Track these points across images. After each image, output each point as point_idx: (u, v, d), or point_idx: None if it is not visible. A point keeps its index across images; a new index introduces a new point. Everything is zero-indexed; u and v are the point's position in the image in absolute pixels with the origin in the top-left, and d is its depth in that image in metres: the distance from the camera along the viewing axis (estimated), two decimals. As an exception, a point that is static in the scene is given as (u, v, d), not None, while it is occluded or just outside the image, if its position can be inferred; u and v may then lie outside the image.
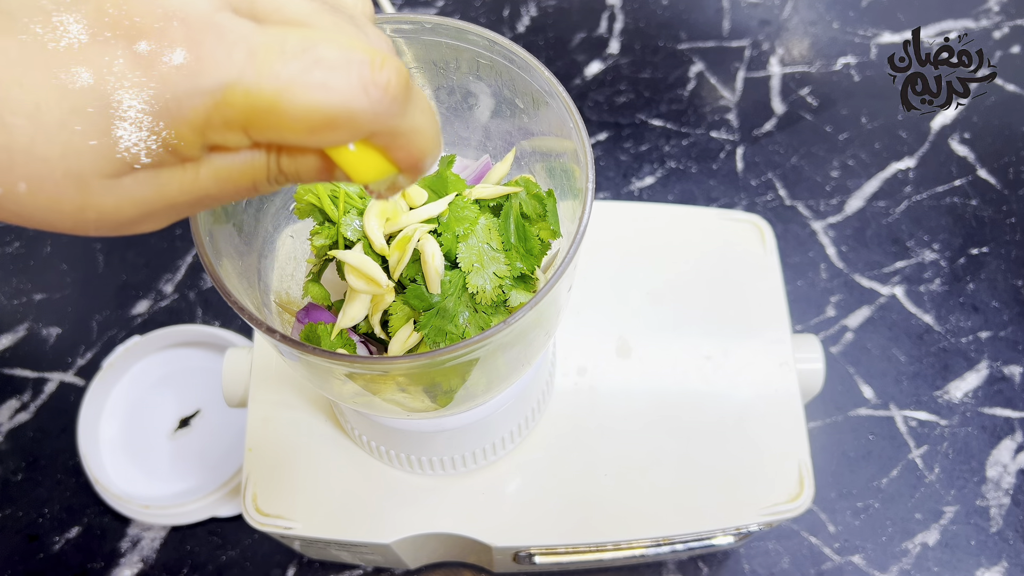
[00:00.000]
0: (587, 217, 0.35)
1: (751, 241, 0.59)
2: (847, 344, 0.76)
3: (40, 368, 0.75)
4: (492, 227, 0.38)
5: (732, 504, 0.52)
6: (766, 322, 0.56)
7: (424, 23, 0.38)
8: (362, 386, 0.37)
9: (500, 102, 0.42)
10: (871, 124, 0.87)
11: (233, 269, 0.37)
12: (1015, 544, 0.68)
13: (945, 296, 0.78)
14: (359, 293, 0.36)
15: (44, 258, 0.81)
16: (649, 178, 0.84)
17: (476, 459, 0.50)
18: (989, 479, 0.70)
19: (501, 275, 0.37)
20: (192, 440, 0.70)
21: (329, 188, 0.38)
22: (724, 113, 0.88)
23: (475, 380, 0.38)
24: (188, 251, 0.81)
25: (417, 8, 0.95)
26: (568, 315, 0.56)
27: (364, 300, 0.37)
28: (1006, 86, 0.89)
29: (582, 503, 0.52)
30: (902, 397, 0.74)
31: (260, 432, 0.53)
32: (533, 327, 0.36)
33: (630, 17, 0.94)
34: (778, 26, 0.93)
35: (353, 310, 0.36)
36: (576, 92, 0.89)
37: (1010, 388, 0.74)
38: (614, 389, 0.54)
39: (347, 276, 0.36)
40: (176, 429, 0.70)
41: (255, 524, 0.50)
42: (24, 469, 0.71)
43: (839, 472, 0.71)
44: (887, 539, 0.68)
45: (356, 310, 0.36)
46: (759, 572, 0.67)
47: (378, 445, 0.50)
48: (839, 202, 0.83)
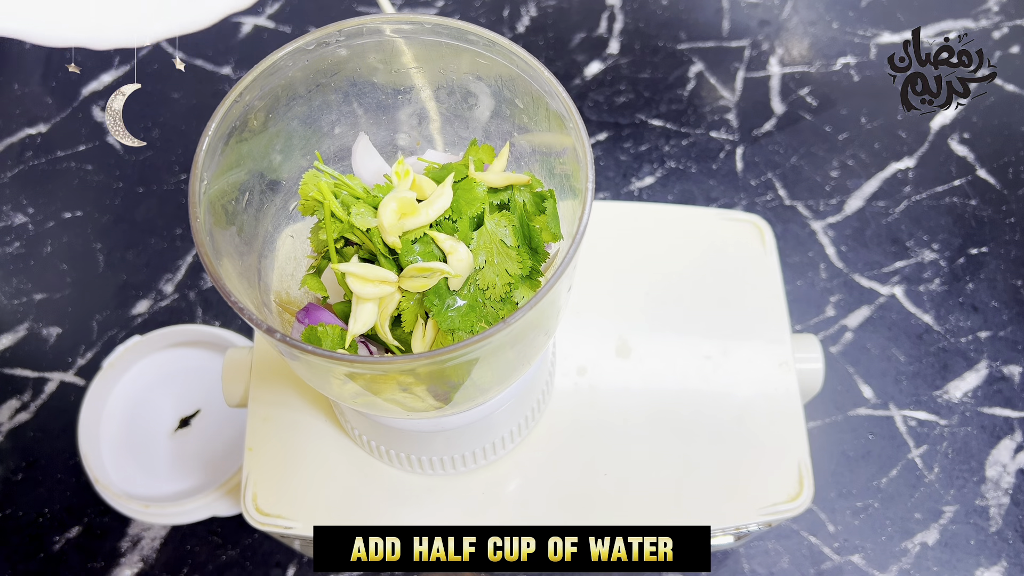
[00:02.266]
0: (587, 217, 0.35)
1: (751, 241, 0.59)
2: (847, 344, 0.76)
3: (40, 368, 0.75)
4: (502, 221, 0.38)
5: (731, 504, 0.52)
6: (766, 322, 0.57)
7: (424, 23, 0.38)
8: (362, 386, 0.37)
9: (500, 102, 0.42)
10: (871, 124, 0.87)
11: (233, 269, 0.37)
12: (1015, 544, 0.68)
13: (945, 296, 0.78)
14: (367, 300, 0.36)
15: (44, 258, 0.81)
16: (649, 178, 0.84)
17: (476, 459, 0.50)
18: (988, 479, 0.70)
19: (513, 272, 0.37)
20: (192, 440, 0.70)
21: (332, 184, 0.38)
22: (724, 113, 0.88)
23: (475, 380, 0.38)
24: (188, 251, 0.81)
25: (417, 8, 0.95)
26: (568, 315, 0.56)
27: (372, 304, 0.36)
28: (1006, 86, 0.89)
29: (582, 502, 0.52)
30: (902, 397, 0.74)
31: (260, 432, 0.53)
32: (533, 327, 0.36)
33: (630, 17, 0.94)
34: (778, 26, 0.93)
35: (364, 315, 0.36)
36: (576, 92, 0.89)
37: (1009, 388, 0.74)
38: (614, 389, 0.54)
39: (352, 286, 0.36)
40: (176, 429, 0.70)
41: (255, 524, 0.50)
42: (24, 469, 0.71)
43: (839, 472, 0.71)
44: (887, 539, 0.68)
45: (366, 315, 0.36)
46: (759, 572, 0.67)
47: (378, 445, 0.50)
48: (839, 202, 0.83)
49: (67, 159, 0.86)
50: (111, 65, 0.91)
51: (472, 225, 0.38)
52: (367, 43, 0.39)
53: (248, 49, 0.92)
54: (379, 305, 0.37)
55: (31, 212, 0.83)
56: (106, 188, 0.84)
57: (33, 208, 0.83)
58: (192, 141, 0.87)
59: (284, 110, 0.40)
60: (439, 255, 0.36)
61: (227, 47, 0.92)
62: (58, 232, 0.82)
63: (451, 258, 0.36)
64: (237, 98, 0.37)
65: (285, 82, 0.39)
